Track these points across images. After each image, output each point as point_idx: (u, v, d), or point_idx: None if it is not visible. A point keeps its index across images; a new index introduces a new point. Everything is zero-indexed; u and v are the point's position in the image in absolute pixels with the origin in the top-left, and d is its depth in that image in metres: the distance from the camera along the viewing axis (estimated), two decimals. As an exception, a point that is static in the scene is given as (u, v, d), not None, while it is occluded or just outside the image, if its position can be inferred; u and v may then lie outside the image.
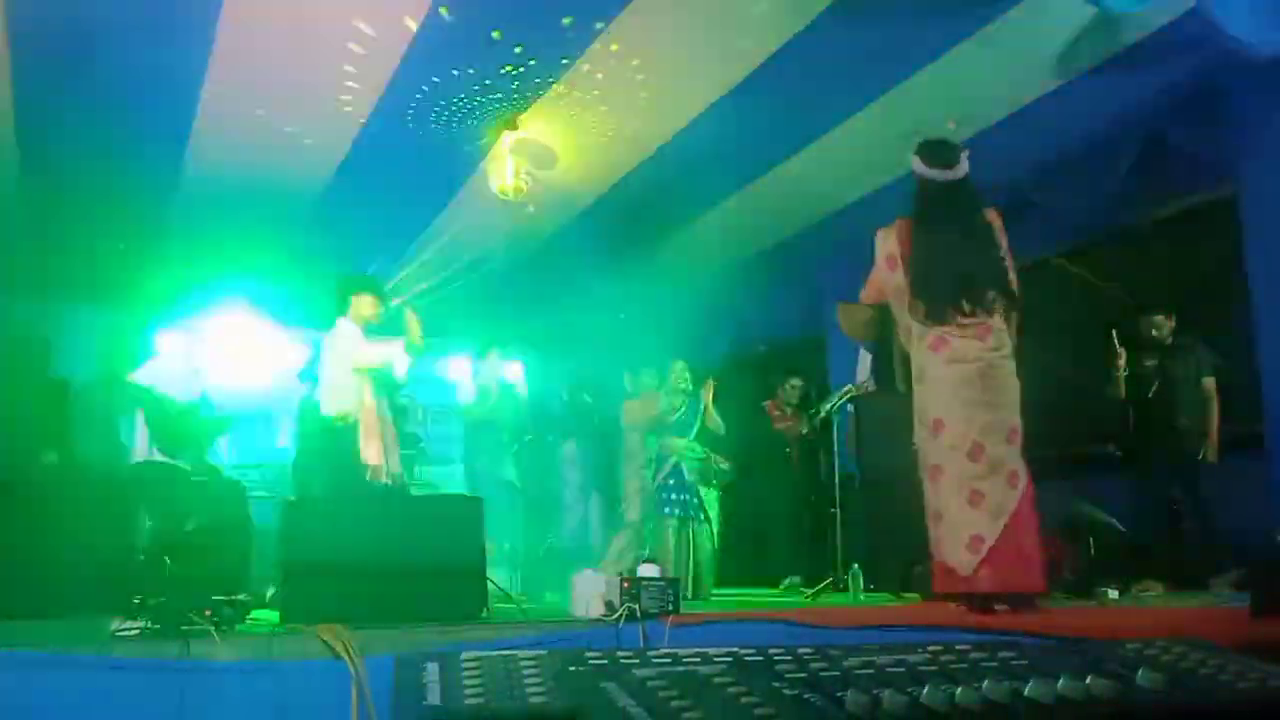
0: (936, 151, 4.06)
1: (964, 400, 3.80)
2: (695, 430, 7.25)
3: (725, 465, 7.40)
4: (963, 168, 3.99)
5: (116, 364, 7.83)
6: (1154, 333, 6.09)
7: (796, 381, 8.45)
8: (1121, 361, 6.02)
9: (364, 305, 5.79)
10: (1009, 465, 3.76)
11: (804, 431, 8.03)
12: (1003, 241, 3.96)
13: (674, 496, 6.99)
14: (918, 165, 4.07)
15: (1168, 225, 6.57)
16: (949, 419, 3.82)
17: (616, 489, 7.69)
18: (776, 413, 8.33)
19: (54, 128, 6.07)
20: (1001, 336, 3.89)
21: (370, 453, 5.42)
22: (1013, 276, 3.93)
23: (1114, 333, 6.05)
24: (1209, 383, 5.90)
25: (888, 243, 4.16)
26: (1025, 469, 3.79)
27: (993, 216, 4.01)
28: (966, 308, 3.85)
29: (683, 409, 7.28)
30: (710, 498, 7.27)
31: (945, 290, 3.88)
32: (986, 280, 3.88)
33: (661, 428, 7.18)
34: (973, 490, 3.75)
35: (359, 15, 5.12)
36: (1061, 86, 5.87)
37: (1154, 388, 6.01)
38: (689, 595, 6.51)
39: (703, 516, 7.01)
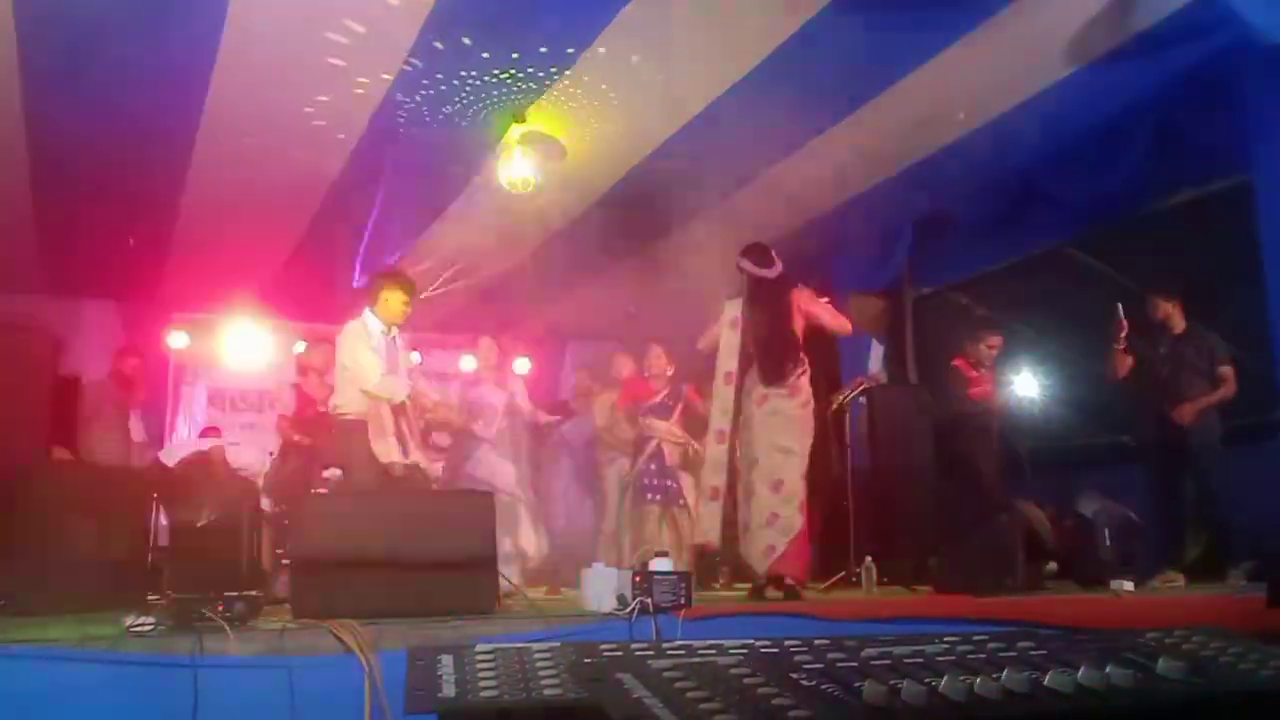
0: (762, 256, 5.31)
1: (774, 445, 5.06)
2: (676, 413, 7.21)
3: (698, 447, 7.31)
4: (778, 268, 5.30)
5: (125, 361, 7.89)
6: (1159, 317, 6.00)
7: (995, 340, 6.84)
8: (1124, 335, 5.92)
9: (393, 303, 5.59)
10: (800, 496, 5.02)
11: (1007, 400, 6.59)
12: (799, 314, 5.26)
13: (654, 482, 6.96)
14: (748, 265, 5.31)
15: (1180, 213, 6.52)
16: (762, 458, 5.06)
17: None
18: (973, 374, 6.84)
19: (62, 123, 6.07)
20: (805, 394, 5.21)
21: (380, 448, 5.37)
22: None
23: (1119, 306, 5.95)
24: (1226, 371, 5.82)
25: (732, 311, 5.35)
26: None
27: (795, 294, 5.28)
28: (780, 376, 5.13)
29: (663, 394, 7.24)
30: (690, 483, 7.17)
31: (771, 362, 5.16)
32: (791, 357, 5.19)
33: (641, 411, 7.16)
34: (770, 513, 4.99)
35: (366, 7, 5.11)
36: (1072, 74, 5.83)
37: (1164, 375, 5.93)
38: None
39: (683, 502, 6.95)
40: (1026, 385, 7.92)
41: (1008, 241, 7.49)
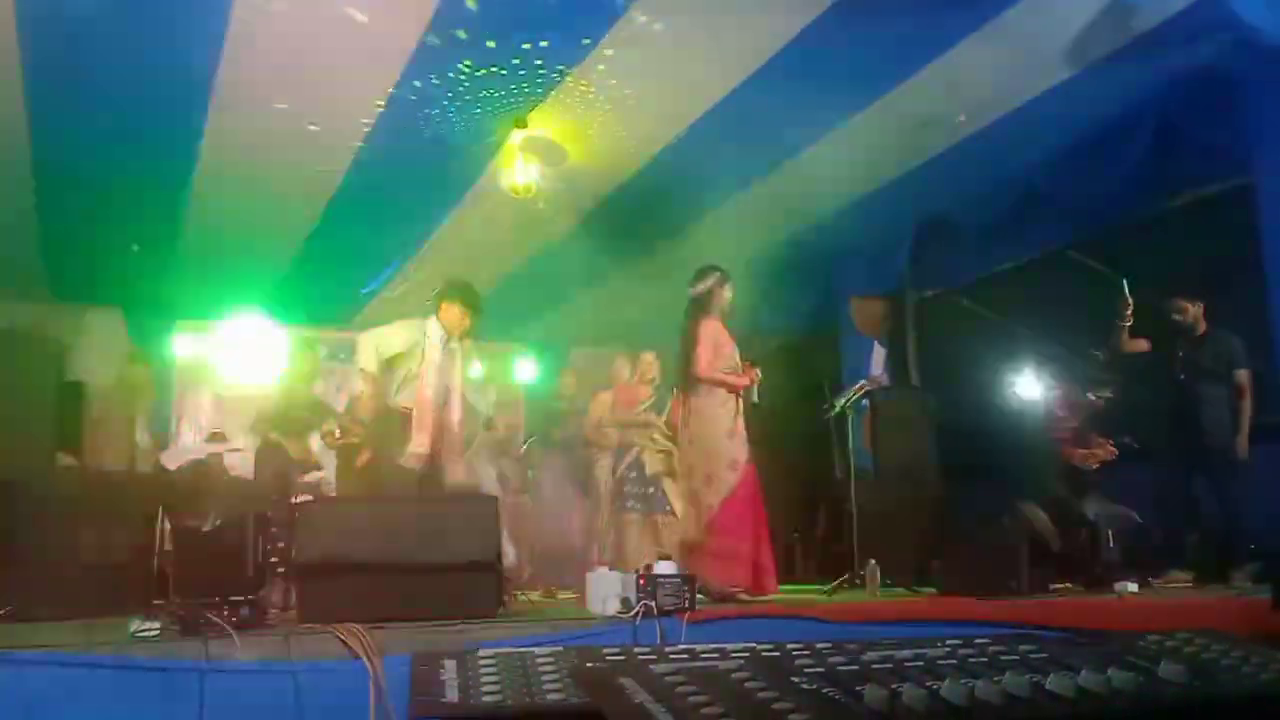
0: (697, 273, 5.60)
1: (706, 432, 5.40)
2: (659, 421, 7.20)
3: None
4: (700, 288, 5.55)
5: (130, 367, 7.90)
6: (1177, 318, 5.97)
7: (1105, 392, 6.34)
8: (1129, 312, 5.88)
9: (453, 314, 5.65)
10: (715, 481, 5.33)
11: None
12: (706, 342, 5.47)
13: (635, 490, 6.95)
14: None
15: (1181, 215, 6.51)
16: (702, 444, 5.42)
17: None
18: (1062, 412, 6.47)
19: (66, 131, 6.09)
20: (717, 398, 5.44)
21: (419, 441, 5.43)
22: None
23: (1125, 283, 5.87)
24: (1242, 375, 5.78)
25: None
26: (728, 484, 5.30)
27: (705, 323, 5.47)
28: (688, 388, 5.51)
29: (649, 402, 7.24)
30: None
31: (679, 376, 5.66)
32: (689, 378, 5.47)
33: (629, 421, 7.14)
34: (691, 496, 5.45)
35: (367, 14, 5.13)
36: (1073, 76, 5.83)
37: (1180, 377, 5.89)
38: None
39: (668, 509, 6.95)
40: (1029, 387, 7.92)
41: (1010, 244, 7.49)
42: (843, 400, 6.94)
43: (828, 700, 1.14)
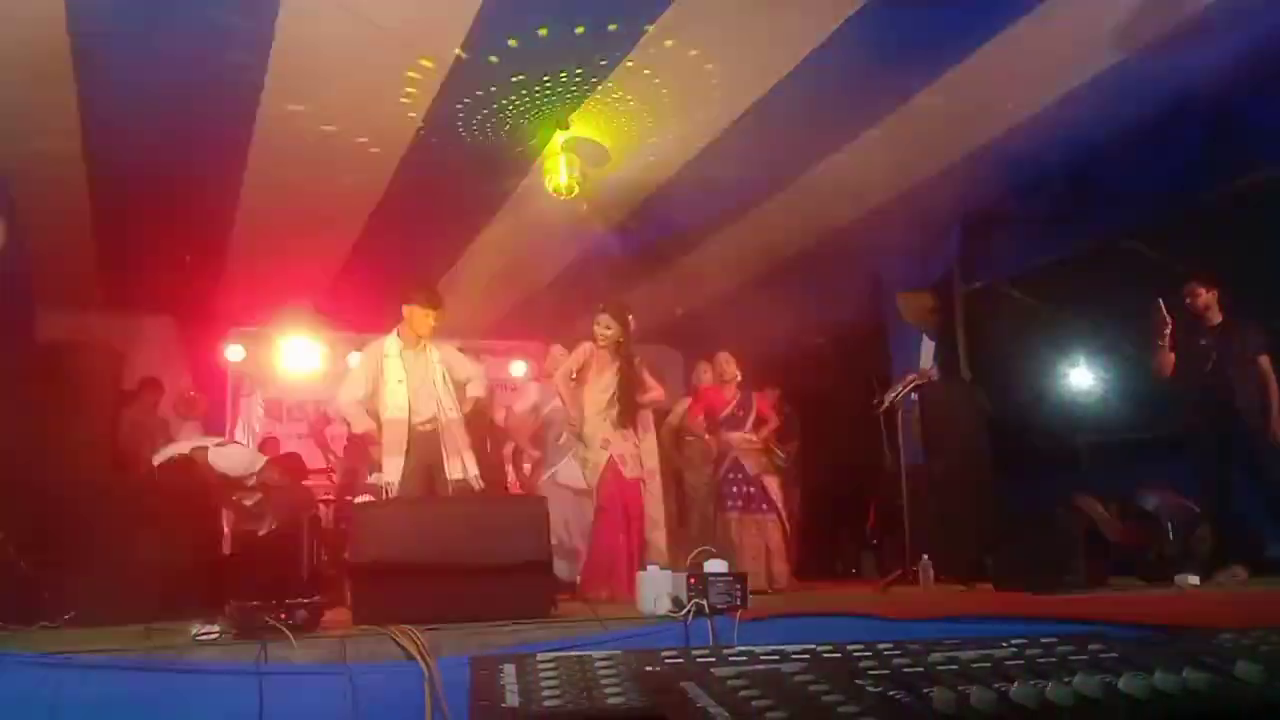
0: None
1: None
2: (749, 423, 7.17)
3: (782, 455, 7.31)
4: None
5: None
6: (1195, 303, 5.78)
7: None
8: (1168, 331, 5.78)
9: (416, 319, 5.57)
10: None
11: None
12: None
13: (735, 490, 6.94)
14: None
15: (1240, 200, 6.35)
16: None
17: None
18: None
19: (119, 142, 6.20)
20: None
21: (388, 468, 5.44)
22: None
23: (1160, 301, 5.74)
24: (1264, 361, 5.66)
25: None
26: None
27: None
28: None
29: (733, 402, 7.21)
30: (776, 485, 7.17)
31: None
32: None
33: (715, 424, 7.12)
34: None
35: (409, 20, 5.16)
36: (1124, 60, 5.71)
37: (1209, 366, 5.77)
38: (765, 588, 6.45)
39: (766, 506, 6.94)
40: (1083, 379, 7.80)
41: (1061, 234, 7.35)
42: (892, 394, 6.87)
43: (895, 703, 1.12)
